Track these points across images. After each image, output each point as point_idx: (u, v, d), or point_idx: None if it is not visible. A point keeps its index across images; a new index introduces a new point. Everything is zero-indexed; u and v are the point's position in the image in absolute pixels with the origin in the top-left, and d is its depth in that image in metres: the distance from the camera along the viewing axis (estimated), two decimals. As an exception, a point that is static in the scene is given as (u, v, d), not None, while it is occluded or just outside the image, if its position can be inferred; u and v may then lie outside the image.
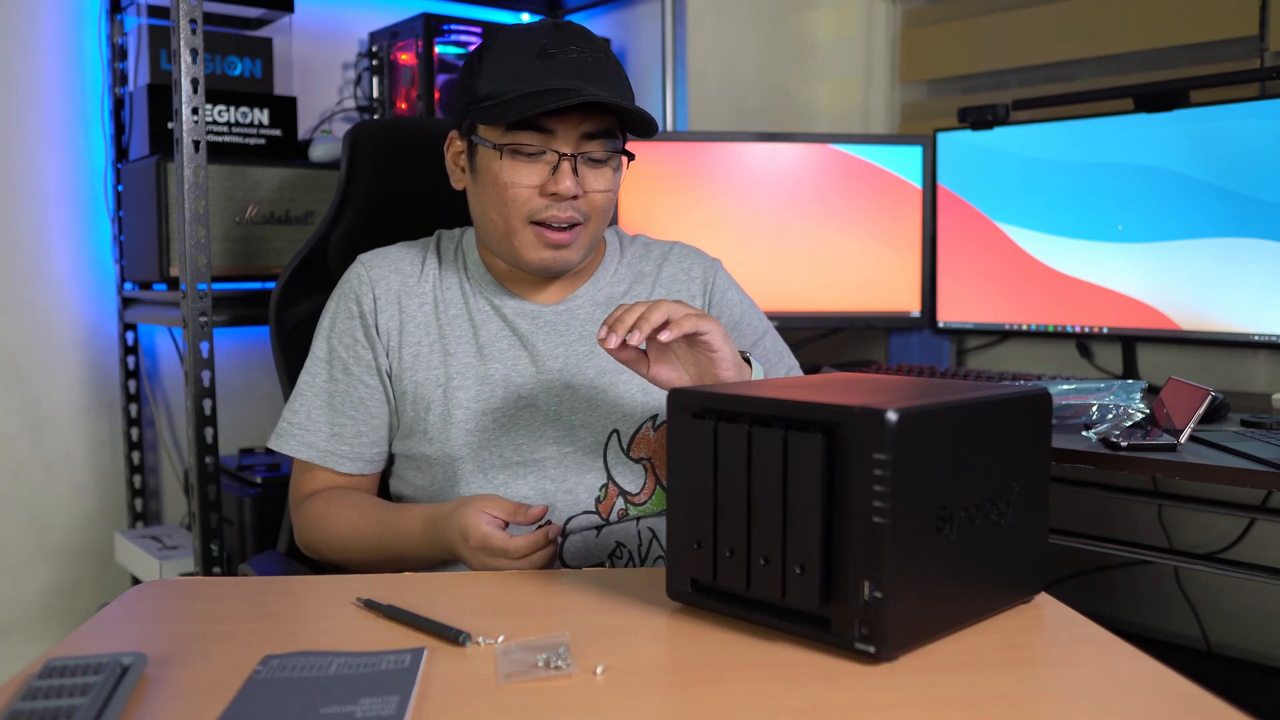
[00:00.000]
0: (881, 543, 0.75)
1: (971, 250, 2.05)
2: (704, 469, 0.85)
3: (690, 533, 0.87)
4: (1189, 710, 0.71)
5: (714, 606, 0.87)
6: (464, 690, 0.74)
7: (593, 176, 1.19)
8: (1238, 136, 1.72)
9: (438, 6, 2.32)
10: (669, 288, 1.33)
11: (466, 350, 1.24)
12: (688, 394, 0.88)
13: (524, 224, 1.19)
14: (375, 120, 2.17)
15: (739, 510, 0.83)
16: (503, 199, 1.18)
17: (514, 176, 1.17)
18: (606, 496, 1.23)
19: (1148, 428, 1.40)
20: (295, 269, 1.45)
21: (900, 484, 0.75)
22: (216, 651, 0.81)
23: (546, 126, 1.16)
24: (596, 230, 1.23)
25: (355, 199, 1.48)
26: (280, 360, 1.45)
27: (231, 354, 2.18)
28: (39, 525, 2.04)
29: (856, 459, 0.76)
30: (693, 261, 1.36)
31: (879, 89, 2.54)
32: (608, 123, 1.18)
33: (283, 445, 1.27)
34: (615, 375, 1.25)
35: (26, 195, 2.00)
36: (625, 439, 1.24)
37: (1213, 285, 1.77)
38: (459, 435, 1.21)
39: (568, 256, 1.21)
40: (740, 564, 0.83)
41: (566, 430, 1.23)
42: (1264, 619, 1.97)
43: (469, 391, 1.22)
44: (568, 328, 1.26)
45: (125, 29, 2.02)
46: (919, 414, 0.77)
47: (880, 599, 0.75)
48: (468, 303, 1.26)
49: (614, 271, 1.33)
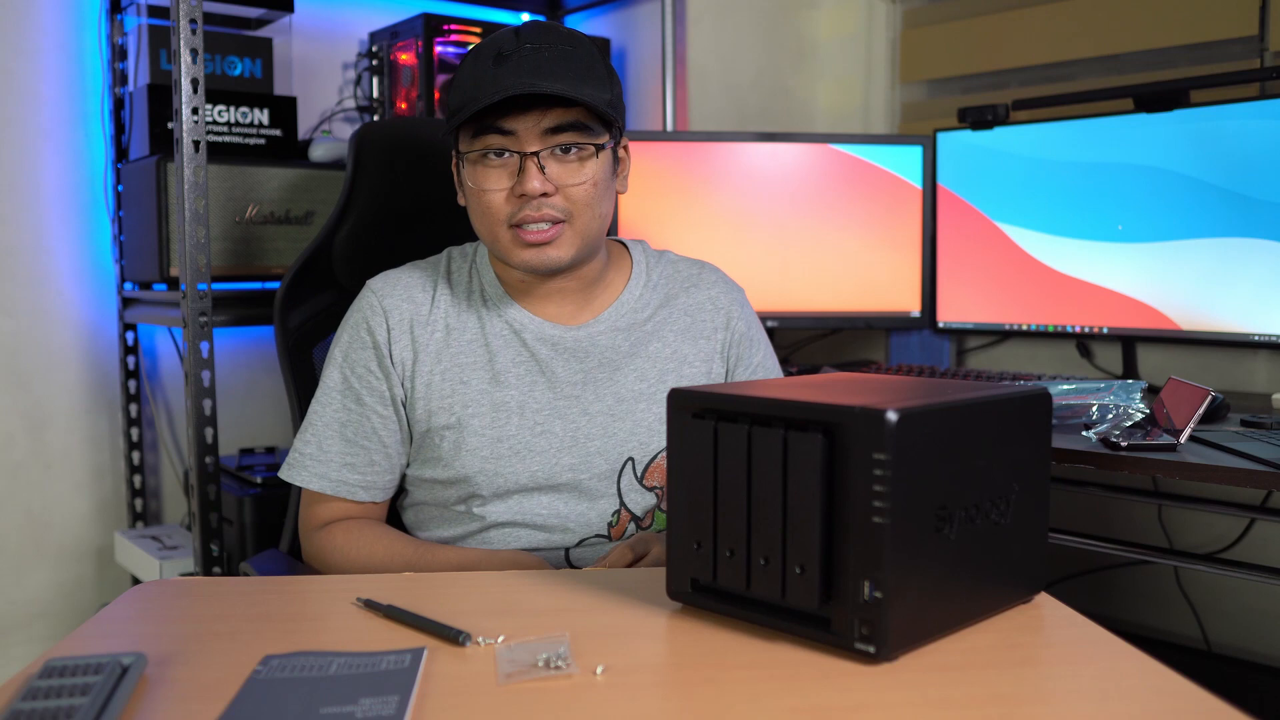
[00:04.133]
0: (881, 543, 0.75)
1: (971, 250, 2.05)
2: (704, 469, 0.85)
3: (690, 533, 0.87)
4: (1189, 710, 0.71)
5: (714, 606, 0.87)
6: (464, 690, 0.74)
7: (564, 171, 1.17)
8: (1238, 136, 1.72)
9: (438, 6, 2.32)
10: (694, 317, 1.31)
11: (481, 377, 1.22)
12: (687, 394, 0.88)
13: (502, 228, 1.18)
14: (381, 121, 2.17)
15: (739, 510, 0.83)
16: (481, 207, 1.19)
17: (485, 183, 1.17)
18: (618, 522, 1.24)
19: (1148, 428, 1.40)
20: (299, 269, 1.45)
21: (900, 484, 0.75)
22: (216, 651, 0.81)
23: (506, 128, 1.15)
24: (586, 226, 1.19)
25: (360, 199, 1.48)
26: (284, 360, 1.45)
27: (232, 354, 2.18)
28: (39, 525, 2.04)
29: (857, 459, 0.76)
30: (720, 291, 1.34)
31: (879, 89, 2.54)
32: (572, 115, 1.16)
33: (295, 477, 1.25)
34: (633, 403, 1.25)
35: (26, 195, 2.00)
36: (640, 467, 1.24)
37: (1213, 285, 1.77)
38: (473, 462, 1.20)
39: (551, 253, 1.18)
40: (740, 564, 0.83)
41: (582, 457, 1.22)
42: (1264, 619, 1.97)
43: (484, 419, 1.21)
44: (587, 354, 1.25)
45: (125, 29, 2.02)
46: (919, 414, 0.77)
47: (880, 599, 0.75)
48: (484, 327, 1.24)
49: (639, 295, 1.30)
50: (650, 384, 1.26)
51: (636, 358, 1.26)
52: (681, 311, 1.31)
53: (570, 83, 1.14)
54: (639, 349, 1.27)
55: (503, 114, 1.14)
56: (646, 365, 1.26)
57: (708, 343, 1.31)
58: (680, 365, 1.28)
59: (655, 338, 1.28)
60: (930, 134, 2.10)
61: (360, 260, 1.46)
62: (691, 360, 1.29)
